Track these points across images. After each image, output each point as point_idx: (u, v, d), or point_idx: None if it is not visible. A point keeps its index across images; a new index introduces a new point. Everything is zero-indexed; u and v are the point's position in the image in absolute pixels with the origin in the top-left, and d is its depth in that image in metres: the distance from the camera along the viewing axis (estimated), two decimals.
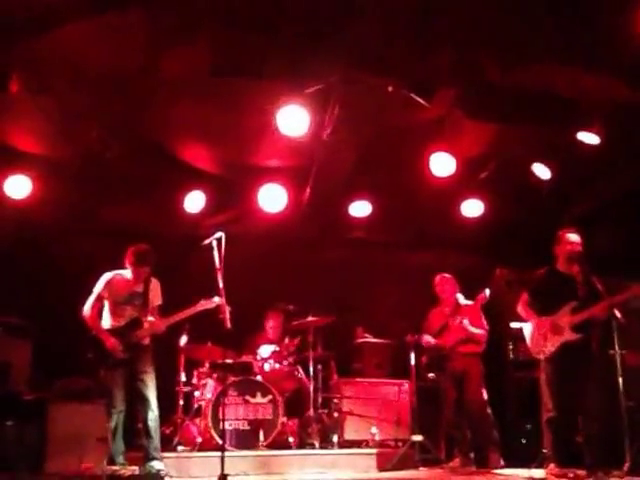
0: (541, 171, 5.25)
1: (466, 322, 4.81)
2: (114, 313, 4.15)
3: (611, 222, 5.35)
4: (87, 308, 4.14)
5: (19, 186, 4.99)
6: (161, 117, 4.76)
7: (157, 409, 4.04)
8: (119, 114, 4.64)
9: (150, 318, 4.15)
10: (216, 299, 4.01)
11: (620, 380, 3.92)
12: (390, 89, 4.31)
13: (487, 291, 4.74)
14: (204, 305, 4.13)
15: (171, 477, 3.92)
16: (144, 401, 4.00)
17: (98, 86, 4.33)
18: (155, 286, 4.26)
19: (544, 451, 4.26)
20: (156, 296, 4.25)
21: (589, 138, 4.85)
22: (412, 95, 4.32)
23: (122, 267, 4.26)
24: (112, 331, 4.09)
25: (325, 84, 4.34)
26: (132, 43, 4.01)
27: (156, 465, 3.91)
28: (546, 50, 4.03)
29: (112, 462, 3.91)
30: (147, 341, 4.17)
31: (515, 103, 4.49)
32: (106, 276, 4.23)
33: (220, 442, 4.05)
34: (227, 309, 3.82)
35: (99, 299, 4.18)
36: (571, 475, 3.68)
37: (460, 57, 4.00)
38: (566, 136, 4.86)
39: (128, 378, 4.05)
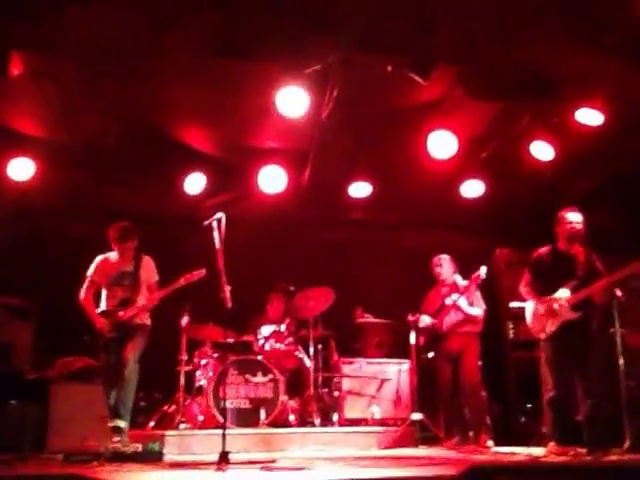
0: (542, 150, 5.22)
1: (462, 301, 4.81)
2: (107, 295, 4.21)
3: (612, 201, 5.33)
4: (82, 293, 4.23)
5: (21, 169, 4.99)
6: (161, 99, 4.72)
7: (137, 364, 4.06)
8: (120, 96, 4.60)
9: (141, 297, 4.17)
10: (201, 271, 4.06)
11: (620, 359, 3.93)
12: (389, 69, 4.27)
13: (483, 269, 4.70)
14: (188, 279, 4.15)
15: (172, 454, 3.95)
16: (125, 361, 4.00)
17: (99, 69, 4.30)
18: (147, 264, 4.26)
19: (544, 430, 4.30)
20: (150, 273, 4.26)
21: (590, 117, 4.81)
22: (411, 74, 4.27)
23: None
24: (105, 313, 4.14)
25: (324, 64, 4.30)
26: (133, 24, 3.96)
27: (119, 423, 3.93)
28: (546, 27, 3.97)
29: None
30: (140, 320, 4.18)
31: (515, 81, 4.44)
32: (96, 260, 4.28)
33: (221, 420, 4.10)
34: (227, 288, 3.82)
35: (92, 283, 4.24)
36: (571, 453, 3.69)
37: (458, 34, 3.95)
38: (567, 114, 4.83)
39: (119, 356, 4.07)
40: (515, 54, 4.24)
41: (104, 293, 4.23)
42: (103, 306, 4.20)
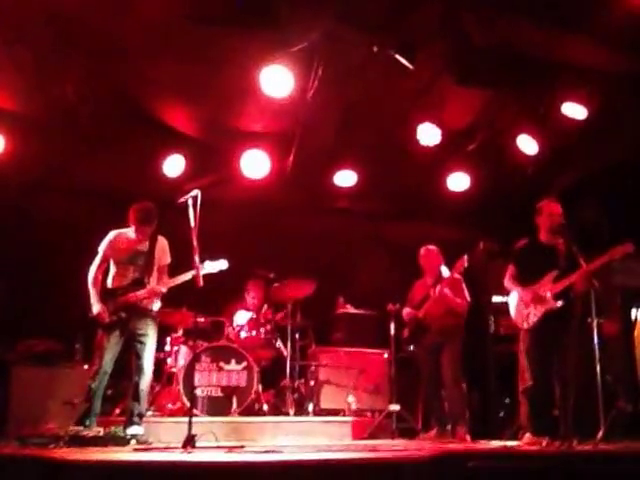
0: (526, 143, 5.19)
1: (447, 292, 4.72)
2: (117, 273, 4.00)
3: (595, 194, 5.31)
4: (93, 270, 3.98)
5: None
6: (140, 73, 4.59)
7: (150, 374, 3.95)
8: (95, 67, 4.45)
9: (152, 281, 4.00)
10: (223, 265, 3.88)
11: (597, 349, 3.89)
12: (375, 49, 4.19)
13: (465, 258, 4.64)
14: (211, 268, 3.95)
15: (144, 442, 3.78)
16: (139, 364, 3.89)
17: (73, 37, 4.15)
18: (162, 245, 4.09)
19: (519, 421, 4.23)
20: (164, 255, 4.09)
21: (575, 110, 4.79)
22: (396, 56, 4.19)
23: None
24: (113, 291, 3.95)
25: (309, 42, 4.20)
26: None
27: (135, 430, 3.81)
28: (528, 10, 3.92)
29: (80, 423, 3.76)
30: (149, 303, 4.01)
31: (502, 67, 4.39)
32: (110, 235, 4.07)
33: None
34: (200, 267, 3.68)
35: (105, 259, 4.01)
36: (544, 443, 3.64)
37: (443, 13, 3.87)
38: (552, 107, 4.80)
39: (124, 340, 3.92)
40: (502, 40, 4.20)
41: (113, 270, 4.01)
42: (110, 284, 3.98)
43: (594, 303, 3.93)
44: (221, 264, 3.98)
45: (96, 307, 3.88)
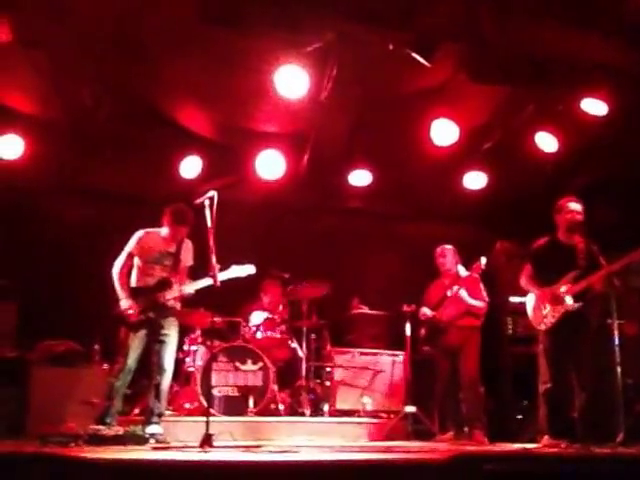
0: (546, 141, 5.11)
1: (463, 292, 4.68)
2: (143, 272, 4.02)
3: (614, 194, 5.21)
4: (117, 266, 4.02)
5: (10, 146, 4.89)
6: (155, 76, 4.64)
7: (171, 373, 3.98)
8: (111, 71, 4.51)
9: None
10: (251, 269, 3.90)
11: (617, 350, 3.82)
12: (391, 47, 4.17)
13: (483, 259, 4.58)
14: (239, 272, 3.97)
15: (162, 442, 3.80)
16: (160, 363, 3.92)
17: (89, 40, 4.20)
18: (187, 247, 4.13)
19: (538, 424, 4.19)
20: (188, 257, 4.12)
21: (595, 107, 4.70)
22: (413, 54, 4.16)
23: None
24: (139, 290, 3.97)
25: (323, 42, 4.20)
26: None
27: (154, 429, 3.84)
28: (544, 8, 3.87)
29: (101, 422, 3.80)
30: (174, 303, 4.04)
31: (518, 65, 4.34)
32: (138, 233, 4.09)
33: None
34: (217, 267, 3.71)
35: (130, 257, 4.03)
36: (563, 445, 3.59)
37: (459, 11, 3.83)
38: (571, 104, 4.73)
39: (149, 339, 3.95)
40: (519, 37, 4.14)
41: (138, 269, 4.03)
42: (135, 282, 4.01)
43: (615, 304, 3.86)
44: (248, 269, 4.00)
45: (124, 303, 3.90)
